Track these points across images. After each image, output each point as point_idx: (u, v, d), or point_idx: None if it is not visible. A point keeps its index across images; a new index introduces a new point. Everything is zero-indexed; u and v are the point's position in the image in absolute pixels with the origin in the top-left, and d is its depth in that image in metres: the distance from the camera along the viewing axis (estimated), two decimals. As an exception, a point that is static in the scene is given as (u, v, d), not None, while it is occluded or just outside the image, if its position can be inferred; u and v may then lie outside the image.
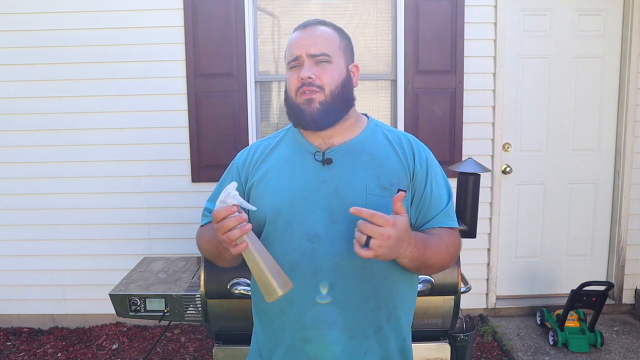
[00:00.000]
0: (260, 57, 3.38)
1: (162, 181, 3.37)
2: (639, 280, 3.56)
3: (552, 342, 3.10)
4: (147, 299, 2.16)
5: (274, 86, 3.46)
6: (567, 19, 3.39)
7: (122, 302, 2.17)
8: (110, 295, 2.17)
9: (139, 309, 2.17)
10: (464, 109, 3.33)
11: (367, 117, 1.35)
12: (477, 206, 2.36)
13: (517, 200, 3.52)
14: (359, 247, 1.03)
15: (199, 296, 2.06)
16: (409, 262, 1.13)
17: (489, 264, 3.49)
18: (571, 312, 3.11)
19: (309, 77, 1.19)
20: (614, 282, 3.52)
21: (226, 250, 1.07)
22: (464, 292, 1.93)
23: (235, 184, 1.05)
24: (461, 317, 2.15)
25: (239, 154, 1.37)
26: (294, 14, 3.36)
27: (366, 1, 3.35)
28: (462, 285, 1.92)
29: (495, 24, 3.29)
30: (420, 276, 1.81)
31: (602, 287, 3.00)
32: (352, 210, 1.02)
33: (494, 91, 3.35)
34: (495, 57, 3.32)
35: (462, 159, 2.98)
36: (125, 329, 3.43)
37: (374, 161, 1.24)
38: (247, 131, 3.31)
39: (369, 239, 1.01)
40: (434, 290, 1.83)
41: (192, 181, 3.35)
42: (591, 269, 3.60)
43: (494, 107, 3.37)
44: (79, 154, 3.35)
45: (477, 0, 3.27)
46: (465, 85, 3.31)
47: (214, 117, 3.30)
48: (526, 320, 3.47)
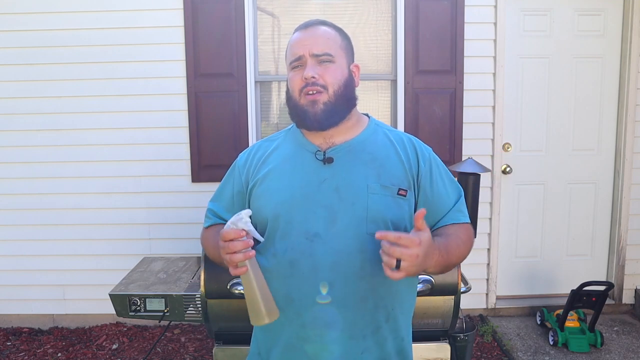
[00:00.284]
0: (260, 57, 3.38)
1: (162, 181, 3.37)
2: (639, 280, 3.56)
3: (552, 342, 3.10)
4: (147, 299, 2.16)
5: (274, 86, 3.46)
6: (567, 19, 3.39)
7: (122, 302, 2.17)
8: (110, 295, 2.17)
9: (139, 309, 2.17)
10: (464, 109, 3.33)
11: (369, 117, 1.35)
12: (477, 206, 2.37)
13: (517, 200, 3.52)
14: (389, 271, 1.03)
15: (199, 296, 2.06)
16: (434, 269, 1.15)
17: (489, 264, 3.49)
18: (571, 312, 3.11)
19: (313, 77, 1.19)
20: (614, 282, 3.52)
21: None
22: (464, 292, 1.93)
23: (249, 211, 1.08)
24: (461, 317, 2.15)
25: (240, 155, 1.38)
26: (294, 14, 3.36)
27: (366, 1, 3.35)
28: (462, 285, 1.92)
29: (495, 24, 3.29)
30: (420, 276, 1.81)
31: (602, 287, 3.00)
32: (377, 235, 1.03)
33: (494, 91, 3.35)
34: (495, 57, 3.32)
35: (462, 159, 2.98)
36: (125, 329, 3.43)
37: (374, 160, 1.24)
38: (247, 131, 3.31)
39: (398, 260, 1.02)
40: (434, 290, 1.83)
41: (192, 181, 3.35)
42: (591, 269, 3.60)
43: (494, 107, 3.37)
44: (79, 154, 3.35)
45: (477, 0, 3.27)
46: (465, 85, 3.31)
47: (214, 117, 3.30)
48: (526, 320, 3.46)
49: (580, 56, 3.43)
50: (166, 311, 2.16)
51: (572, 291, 3.00)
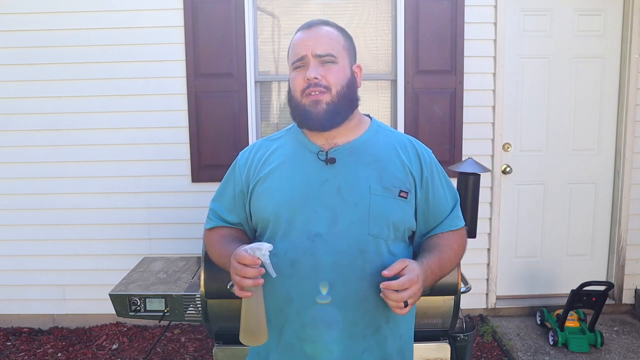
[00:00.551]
0: (260, 57, 3.38)
1: (162, 181, 3.37)
2: (639, 280, 3.56)
3: (552, 342, 3.10)
4: (147, 299, 2.16)
5: (274, 86, 3.46)
6: (567, 19, 3.39)
7: (122, 302, 2.17)
8: (110, 295, 2.18)
9: (139, 309, 2.17)
10: (464, 109, 3.33)
11: (370, 118, 1.36)
12: (477, 206, 2.36)
13: (517, 200, 3.52)
14: (399, 310, 1.11)
15: (199, 296, 2.06)
16: (430, 285, 1.24)
17: (489, 264, 3.49)
18: (571, 312, 3.11)
19: (315, 78, 1.19)
20: (614, 282, 3.52)
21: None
22: (464, 292, 1.93)
23: (271, 246, 1.09)
24: (461, 317, 2.15)
25: (241, 153, 1.37)
26: (294, 14, 3.36)
27: (366, 1, 3.35)
28: (462, 285, 1.92)
29: (495, 24, 3.29)
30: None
31: (602, 287, 3.00)
32: (383, 286, 1.10)
33: (494, 91, 3.35)
34: (495, 57, 3.32)
35: (462, 159, 2.98)
36: (125, 329, 3.42)
37: (376, 162, 1.25)
38: (247, 131, 3.31)
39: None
40: (434, 290, 1.82)
41: (192, 181, 3.35)
42: (591, 269, 3.60)
43: (494, 107, 3.37)
44: (79, 154, 3.34)
45: (477, 0, 3.27)
46: (465, 85, 3.31)
47: (214, 117, 3.30)
48: (526, 320, 3.46)
49: (580, 56, 3.43)
50: (166, 311, 2.16)
51: (572, 291, 3.00)
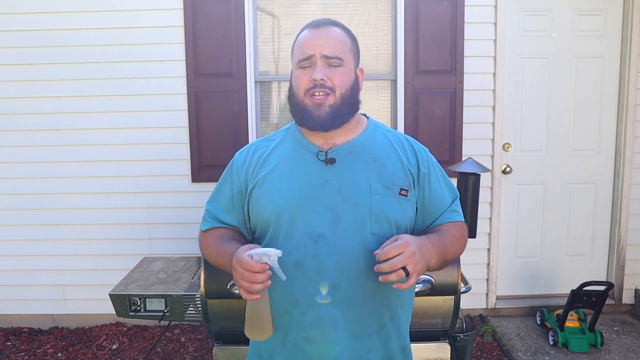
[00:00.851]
0: (260, 57, 3.38)
1: (162, 181, 3.37)
2: (639, 280, 3.56)
3: (552, 342, 3.10)
4: (147, 299, 2.16)
5: (274, 86, 3.46)
6: (567, 19, 3.39)
7: (122, 302, 2.17)
8: (110, 295, 2.17)
9: (139, 309, 2.17)
10: (464, 109, 3.33)
11: (367, 117, 1.36)
12: (477, 206, 2.36)
13: (517, 200, 3.52)
14: (404, 284, 1.08)
15: (199, 296, 2.06)
16: (436, 262, 1.21)
17: (489, 264, 3.49)
18: (571, 312, 3.11)
19: (322, 79, 1.19)
20: (614, 282, 3.52)
21: (230, 272, 1.17)
22: (464, 292, 1.93)
23: (280, 252, 1.08)
24: (461, 317, 2.15)
25: (237, 154, 1.36)
26: (294, 14, 3.36)
27: (366, 1, 3.35)
28: (462, 285, 1.92)
29: (495, 24, 3.29)
30: (420, 276, 1.81)
31: (602, 287, 3.00)
32: (376, 268, 1.08)
33: (494, 91, 3.35)
34: (495, 57, 3.32)
35: (462, 159, 2.98)
36: (125, 329, 3.42)
37: (376, 161, 1.25)
38: (247, 131, 3.31)
39: (404, 269, 1.07)
40: (434, 290, 1.83)
41: (192, 181, 3.35)
42: (591, 269, 3.60)
43: (494, 107, 3.37)
44: (79, 154, 3.34)
45: (477, 0, 3.27)
46: (465, 85, 3.31)
47: (214, 117, 3.30)
48: (526, 320, 3.46)
49: (580, 56, 3.42)
50: (166, 311, 2.16)
51: (572, 291, 3.00)
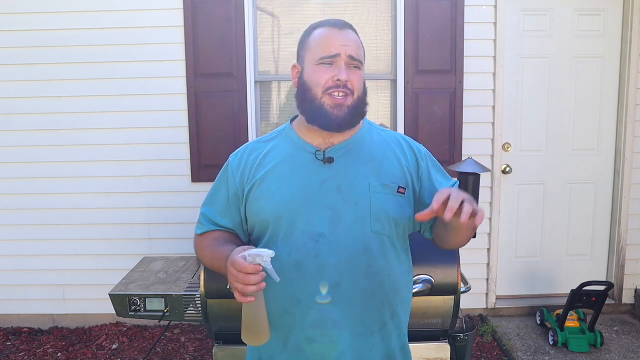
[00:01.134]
0: (260, 57, 3.38)
1: (162, 181, 3.37)
2: (639, 280, 3.56)
3: (552, 342, 3.10)
4: (147, 299, 2.16)
5: (274, 86, 3.46)
6: (567, 19, 3.39)
7: (122, 302, 2.17)
8: (110, 295, 2.17)
9: (139, 309, 2.17)
10: (464, 109, 3.33)
11: None
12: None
13: (517, 200, 3.52)
14: (477, 219, 1.05)
15: (199, 296, 2.06)
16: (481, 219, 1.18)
17: (489, 264, 3.49)
18: (571, 312, 3.11)
19: (346, 80, 1.20)
20: (614, 282, 3.52)
21: (225, 274, 1.14)
22: (464, 292, 1.92)
23: (273, 253, 1.06)
24: (461, 317, 2.15)
25: (232, 156, 1.36)
26: (294, 14, 3.36)
27: (366, 1, 3.35)
28: (462, 285, 1.92)
29: (495, 24, 3.29)
30: (420, 276, 1.81)
31: (602, 287, 3.00)
32: (433, 209, 1.04)
33: (494, 91, 3.35)
34: (495, 57, 3.32)
35: (462, 159, 2.98)
36: (125, 329, 3.42)
37: (373, 160, 1.26)
38: (247, 131, 3.31)
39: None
40: (434, 290, 1.83)
41: (192, 181, 3.35)
42: (591, 269, 3.60)
43: (494, 107, 3.37)
44: (79, 154, 3.34)
45: (477, 0, 3.27)
46: (465, 85, 3.31)
47: (214, 117, 3.30)
48: (526, 320, 3.46)
49: (580, 56, 3.42)
50: (166, 311, 2.15)
51: (572, 291, 3.00)
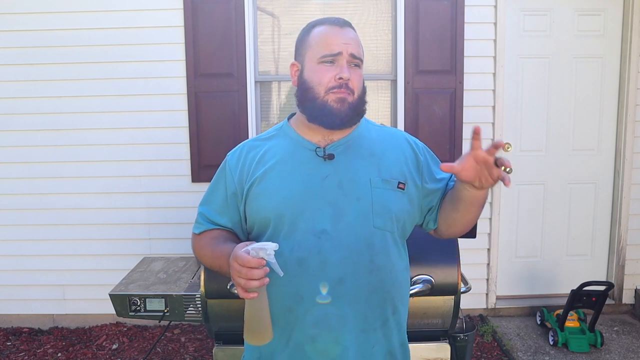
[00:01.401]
0: (260, 57, 3.38)
1: (162, 181, 3.37)
2: (639, 280, 3.56)
3: (552, 342, 3.10)
4: (147, 299, 2.16)
5: (274, 86, 3.46)
6: (567, 19, 3.39)
7: (122, 302, 2.17)
8: (110, 295, 2.17)
9: (139, 309, 2.17)
10: (464, 109, 3.33)
11: None
12: (477, 206, 2.35)
13: (517, 200, 3.52)
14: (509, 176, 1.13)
15: (199, 296, 2.06)
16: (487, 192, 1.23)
17: (489, 264, 3.49)
18: (571, 312, 3.11)
19: (348, 79, 1.20)
20: (614, 282, 3.52)
21: (228, 272, 1.15)
22: (464, 292, 1.92)
23: (276, 245, 1.06)
24: (461, 317, 2.15)
25: (230, 155, 1.35)
26: (294, 14, 3.36)
27: (366, 1, 3.35)
28: (462, 285, 1.92)
29: (495, 24, 3.29)
30: (420, 276, 1.82)
31: (602, 287, 3.00)
32: (445, 169, 1.12)
33: (494, 91, 3.35)
34: (495, 57, 3.32)
35: (462, 159, 2.98)
36: (125, 329, 3.42)
37: (373, 156, 1.27)
38: (247, 131, 3.31)
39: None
40: (434, 290, 1.83)
41: (192, 181, 3.35)
42: (591, 269, 3.60)
43: (494, 107, 3.37)
44: (79, 154, 3.34)
45: (477, 0, 3.27)
46: (465, 85, 3.31)
47: (214, 117, 3.30)
48: (526, 320, 3.46)
49: (580, 56, 3.42)
50: (166, 311, 2.16)
51: (572, 291, 3.00)
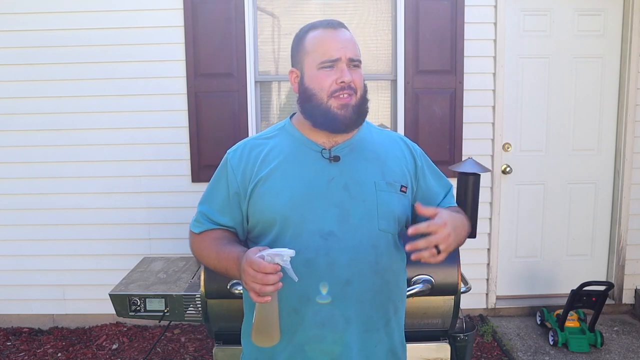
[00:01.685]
0: (260, 57, 3.38)
1: (162, 181, 3.37)
2: (639, 280, 3.56)
3: (552, 342, 3.10)
4: (147, 299, 2.16)
5: (274, 86, 3.46)
6: (567, 19, 3.39)
7: (122, 302, 2.17)
8: (110, 295, 2.17)
9: (139, 309, 2.17)
10: (464, 109, 3.33)
11: None
12: (477, 206, 2.36)
13: (517, 200, 3.52)
14: (433, 258, 1.09)
15: (199, 296, 2.06)
16: (463, 239, 1.27)
17: (489, 264, 3.49)
18: (571, 312, 3.11)
19: (350, 81, 1.21)
20: (614, 282, 3.52)
21: (235, 275, 1.17)
22: (464, 292, 1.92)
23: (293, 252, 1.06)
24: (461, 317, 2.15)
25: (231, 153, 1.32)
26: (294, 14, 3.36)
27: (366, 1, 3.35)
28: (462, 285, 1.92)
29: (495, 24, 3.29)
30: (420, 276, 1.82)
31: (602, 287, 3.00)
32: (410, 232, 1.08)
33: (494, 91, 3.35)
34: (495, 57, 3.32)
35: (462, 159, 2.98)
36: (125, 329, 3.42)
37: (377, 158, 1.28)
38: (247, 131, 3.31)
39: (436, 247, 1.09)
40: (434, 290, 1.83)
41: (192, 181, 3.35)
42: (591, 269, 3.60)
43: (494, 107, 3.37)
44: (79, 154, 3.34)
45: (477, 0, 3.27)
46: (465, 85, 3.31)
47: (214, 117, 3.30)
48: (526, 320, 3.46)
49: (580, 56, 3.42)
50: (166, 311, 2.16)
51: (572, 291, 3.00)
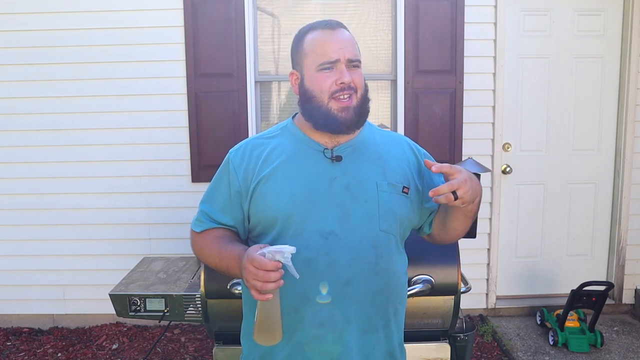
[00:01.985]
0: (260, 57, 3.38)
1: (162, 181, 3.37)
2: (639, 280, 3.56)
3: (552, 342, 3.10)
4: (147, 299, 2.16)
5: (274, 86, 3.46)
6: (567, 19, 3.39)
7: (122, 302, 2.17)
8: (110, 295, 2.17)
9: (139, 309, 2.17)
10: (464, 109, 3.33)
11: None
12: (477, 206, 2.35)
13: (517, 200, 3.52)
14: (454, 202, 1.12)
15: (199, 296, 2.06)
16: (476, 208, 1.24)
17: (489, 264, 3.49)
18: (571, 312, 3.11)
19: (350, 82, 1.21)
20: (614, 282, 3.52)
21: (237, 274, 1.17)
22: (464, 292, 1.92)
23: (294, 249, 1.06)
24: (461, 317, 2.15)
25: (233, 152, 1.32)
26: (294, 14, 3.36)
27: (366, 1, 3.35)
28: (462, 285, 1.92)
29: (495, 24, 3.29)
30: (420, 276, 1.82)
31: (602, 287, 3.00)
32: (431, 193, 1.12)
33: (494, 91, 3.35)
34: (495, 57, 3.32)
35: (462, 159, 2.98)
36: (125, 329, 3.43)
37: (379, 159, 1.28)
38: (247, 131, 3.31)
39: (454, 193, 1.11)
40: (434, 290, 1.83)
41: (192, 181, 3.35)
42: (591, 269, 3.60)
43: (494, 107, 3.37)
44: (79, 154, 3.34)
45: (477, 0, 3.27)
46: (465, 85, 3.31)
47: (214, 117, 3.30)
48: (526, 320, 3.46)
49: (580, 56, 3.42)
50: (166, 311, 2.16)
51: (572, 291, 3.00)
